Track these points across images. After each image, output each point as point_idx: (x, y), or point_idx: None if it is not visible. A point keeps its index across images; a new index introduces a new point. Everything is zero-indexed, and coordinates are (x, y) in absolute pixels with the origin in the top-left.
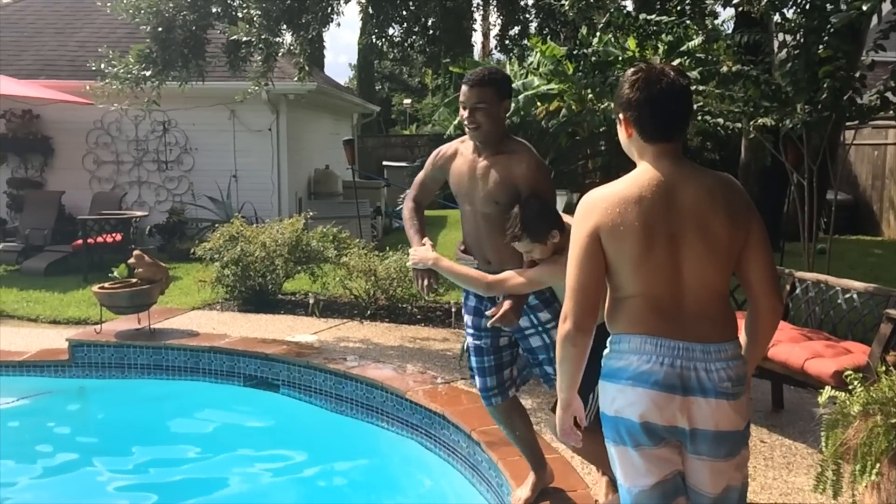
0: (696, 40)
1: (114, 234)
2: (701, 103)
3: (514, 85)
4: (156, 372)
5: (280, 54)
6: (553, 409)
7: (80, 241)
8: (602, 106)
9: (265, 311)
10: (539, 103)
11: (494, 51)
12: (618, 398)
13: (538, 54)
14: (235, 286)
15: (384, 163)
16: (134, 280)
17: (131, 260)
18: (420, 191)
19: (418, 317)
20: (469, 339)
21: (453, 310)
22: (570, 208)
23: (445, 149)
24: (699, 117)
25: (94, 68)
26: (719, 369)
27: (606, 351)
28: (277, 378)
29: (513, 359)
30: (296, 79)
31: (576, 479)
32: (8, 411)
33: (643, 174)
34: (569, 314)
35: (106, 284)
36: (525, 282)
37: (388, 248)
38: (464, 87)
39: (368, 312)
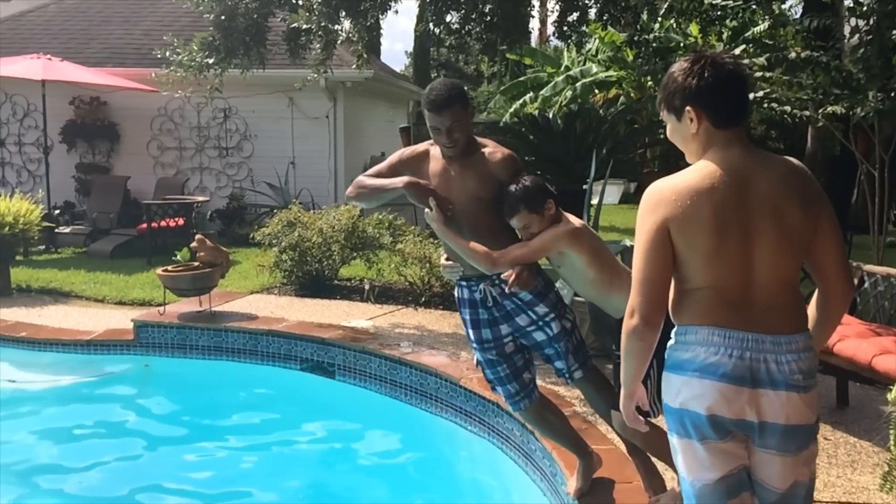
0: (763, 25)
1: (176, 219)
2: (767, 90)
3: (571, 72)
4: (216, 353)
5: (339, 42)
6: (616, 408)
7: (144, 225)
8: None
9: (321, 296)
10: (597, 91)
11: (552, 37)
12: (683, 390)
13: (597, 41)
14: (293, 271)
15: None
16: (196, 263)
17: (193, 244)
18: (374, 190)
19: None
20: (477, 355)
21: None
22: (627, 197)
23: (414, 149)
24: (765, 105)
25: (159, 56)
26: (790, 361)
27: (671, 342)
28: (333, 362)
29: (526, 363)
30: (354, 66)
31: (631, 471)
32: (75, 388)
33: (714, 164)
34: (636, 308)
35: (169, 267)
36: (529, 251)
37: None
38: (432, 113)
39: (423, 299)
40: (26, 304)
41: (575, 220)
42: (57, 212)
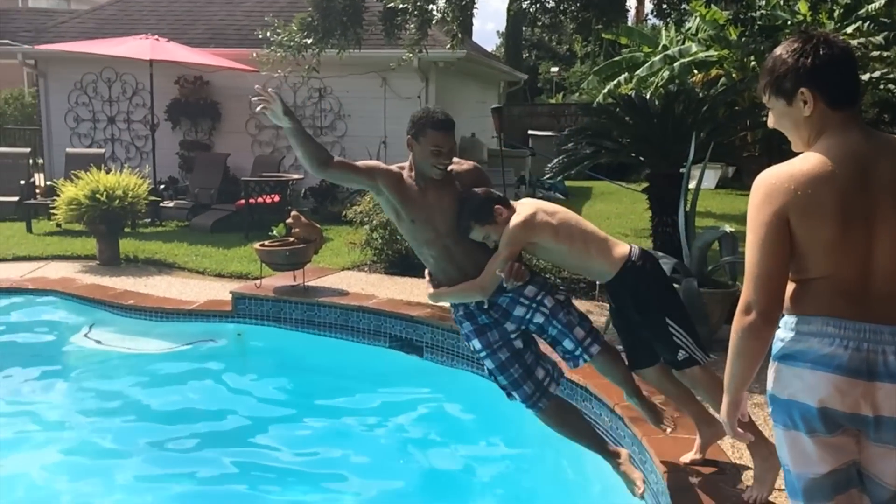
0: (878, 3)
1: (272, 196)
2: (885, 70)
3: (669, 52)
4: (308, 327)
5: (433, 22)
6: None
7: (242, 201)
8: None
9: (410, 274)
10: (696, 71)
11: (650, 16)
12: (794, 382)
13: (698, 19)
14: (383, 249)
15: (530, 132)
16: (291, 239)
17: (289, 220)
18: (338, 163)
19: (561, 287)
20: (487, 363)
21: (598, 282)
22: (724, 182)
23: (388, 169)
24: (881, 86)
25: (259, 37)
26: None
27: (780, 332)
28: (421, 340)
29: (536, 357)
30: (448, 46)
31: (723, 459)
32: (176, 354)
33: (831, 149)
34: (753, 304)
35: (266, 242)
36: (500, 259)
37: None
38: (440, 132)
39: None
40: (133, 273)
41: (525, 209)
42: (162, 187)
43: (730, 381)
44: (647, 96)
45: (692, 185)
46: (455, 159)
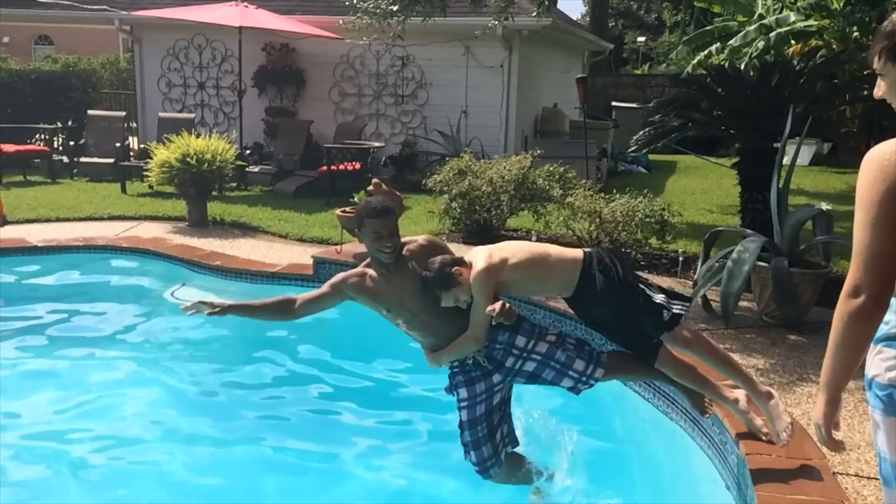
0: None
1: (353, 163)
2: None
3: (766, 21)
4: None
5: None
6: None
7: (324, 168)
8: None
9: (487, 244)
10: (793, 42)
11: None
12: None
13: None
14: (461, 219)
15: (613, 103)
16: None
17: (370, 187)
18: (302, 305)
19: (642, 263)
20: (463, 414)
21: (680, 259)
22: (818, 159)
23: (351, 277)
24: None
25: (346, 3)
26: None
27: (888, 315)
28: None
29: (503, 415)
30: (533, 14)
31: (810, 447)
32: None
33: None
34: (862, 286)
35: (347, 208)
36: (479, 309)
37: (614, 191)
38: (376, 220)
39: None
40: (219, 235)
41: (479, 256)
42: (247, 152)
43: (829, 376)
44: (741, 67)
45: (786, 160)
46: (407, 238)
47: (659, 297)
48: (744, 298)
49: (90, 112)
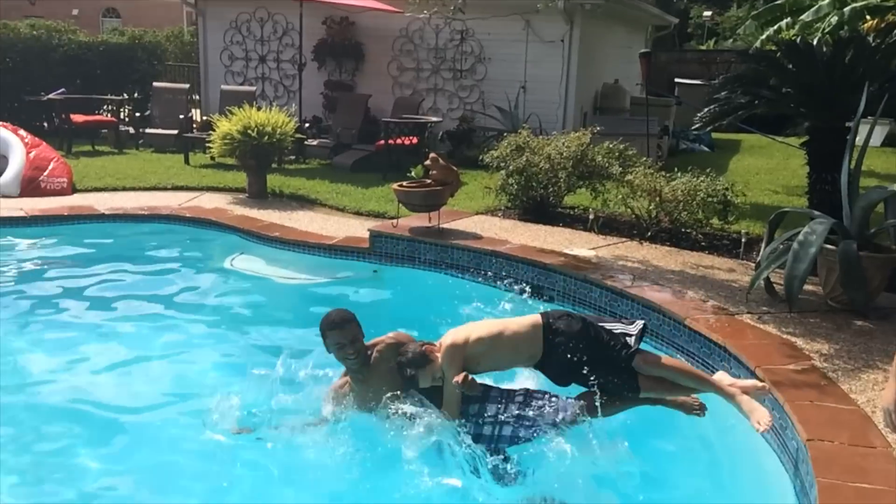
0: None
1: (410, 138)
2: None
3: None
4: (441, 267)
5: None
6: None
7: (381, 142)
8: None
9: (544, 222)
10: (868, 17)
11: None
12: None
13: None
14: (518, 195)
15: (676, 80)
16: (428, 181)
17: (427, 162)
18: (322, 422)
19: (702, 244)
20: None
21: (743, 240)
22: (891, 140)
23: (337, 385)
24: None
25: None
26: None
27: None
28: (553, 288)
29: None
30: None
31: (874, 434)
32: (315, 286)
33: None
34: None
35: (404, 183)
36: (449, 385)
37: (675, 170)
38: (335, 331)
39: (649, 234)
40: (278, 207)
41: (445, 338)
42: (306, 125)
43: None
44: (813, 43)
45: (858, 140)
46: (374, 340)
47: (618, 328)
48: (809, 282)
49: (155, 84)
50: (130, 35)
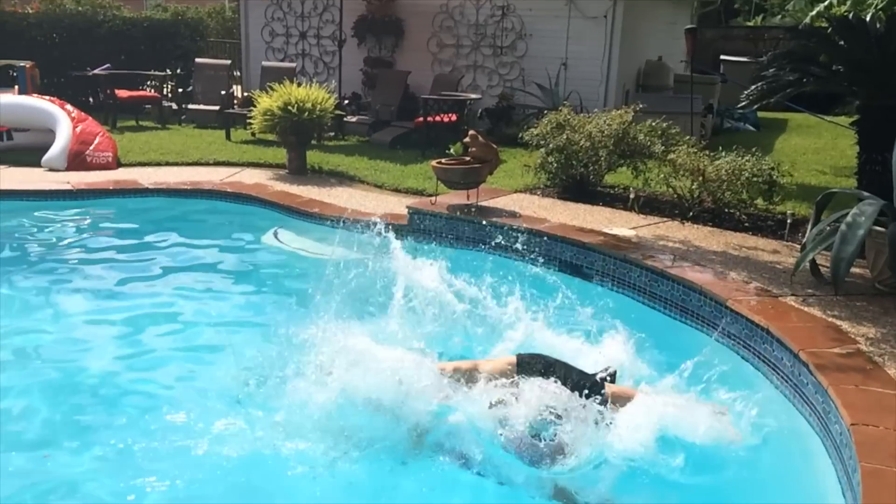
0: None
1: (450, 115)
2: None
3: None
4: (478, 245)
5: None
6: None
7: (420, 119)
8: None
9: (583, 200)
10: None
11: None
12: None
13: None
14: (557, 173)
15: (722, 57)
16: (467, 158)
17: (466, 139)
18: None
19: (746, 224)
20: None
21: (789, 221)
22: None
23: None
24: None
25: None
26: None
27: None
28: (592, 268)
29: None
30: None
31: None
32: (353, 262)
33: None
34: None
35: (443, 160)
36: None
37: (720, 149)
38: None
39: (691, 214)
40: (317, 183)
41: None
42: (346, 102)
43: None
44: (866, 19)
45: None
46: None
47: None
48: (856, 265)
49: (197, 60)
50: (173, 11)
